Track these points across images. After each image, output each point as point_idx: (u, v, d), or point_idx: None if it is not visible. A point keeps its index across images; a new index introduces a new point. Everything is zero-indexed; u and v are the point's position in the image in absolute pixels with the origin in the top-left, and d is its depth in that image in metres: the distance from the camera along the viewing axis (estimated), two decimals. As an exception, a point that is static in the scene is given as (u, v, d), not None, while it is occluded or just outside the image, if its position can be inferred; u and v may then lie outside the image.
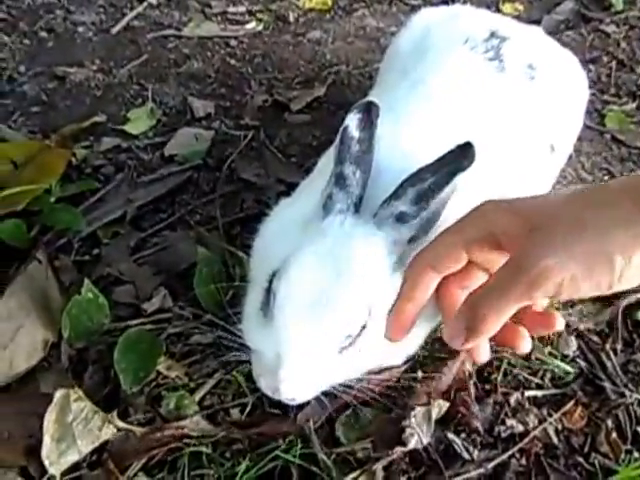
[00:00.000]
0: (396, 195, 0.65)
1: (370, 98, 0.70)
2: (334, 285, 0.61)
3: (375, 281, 0.63)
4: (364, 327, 0.63)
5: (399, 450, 0.66)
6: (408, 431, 0.66)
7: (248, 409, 0.73)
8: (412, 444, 0.66)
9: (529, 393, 0.75)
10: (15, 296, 0.72)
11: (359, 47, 1.48)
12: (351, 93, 1.31)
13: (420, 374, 0.76)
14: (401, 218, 0.65)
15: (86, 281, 0.73)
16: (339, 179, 0.66)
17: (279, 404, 0.73)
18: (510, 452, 0.69)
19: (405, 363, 0.76)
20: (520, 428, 0.70)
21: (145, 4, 1.57)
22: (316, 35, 1.51)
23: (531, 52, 0.89)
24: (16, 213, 0.86)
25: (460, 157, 0.64)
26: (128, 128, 1.14)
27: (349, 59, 1.42)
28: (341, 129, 0.67)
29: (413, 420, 0.67)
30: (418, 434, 0.66)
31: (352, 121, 0.68)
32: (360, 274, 0.62)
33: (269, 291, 0.64)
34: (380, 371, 0.74)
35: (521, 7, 1.56)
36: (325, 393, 0.67)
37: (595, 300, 0.86)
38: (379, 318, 0.63)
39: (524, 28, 0.96)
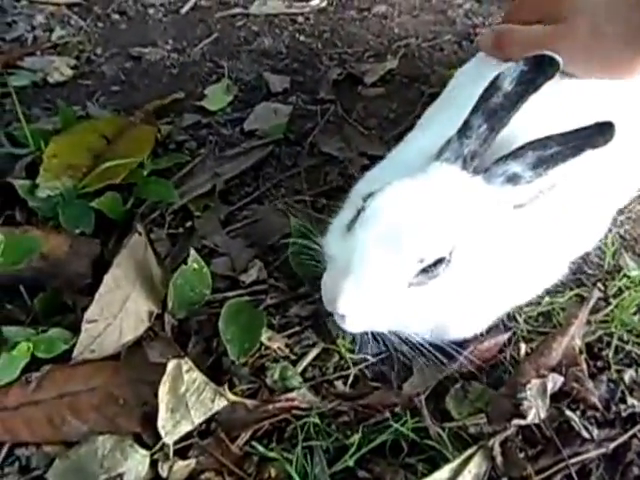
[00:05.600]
0: (514, 155, 0.60)
1: (551, 54, 0.62)
2: (421, 215, 0.58)
3: (464, 227, 0.59)
4: (439, 266, 0.58)
5: (516, 423, 0.61)
6: (526, 403, 0.61)
7: (350, 381, 0.69)
8: (530, 417, 0.61)
9: (644, 370, 0.69)
10: (121, 267, 0.70)
11: (426, 20, 1.40)
12: (424, 65, 1.24)
13: (524, 349, 0.71)
14: (512, 179, 0.60)
15: (192, 251, 0.70)
16: (463, 127, 0.61)
17: (381, 376, 0.70)
18: (632, 432, 0.63)
19: (509, 339, 0.71)
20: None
21: (211, -16, 1.53)
22: (381, 9, 1.44)
23: None
24: (112, 187, 0.84)
25: (597, 134, 0.59)
26: (206, 104, 1.11)
27: (418, 32, 1.35)
28: (494, 75, 0.63)
29: (529, 393, 0.62)
30: (536, 407, 0.61)
31: (512, 73, 0.62)
32: (451, 215, 0.59)
33: (360, 211, 0.61)
34: (483, 341, 0.70)
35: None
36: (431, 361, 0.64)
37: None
38: (456, 269, 0.59)
39: None
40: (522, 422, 0.61)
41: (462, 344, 0.69)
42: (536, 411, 0.61)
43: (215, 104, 1.11)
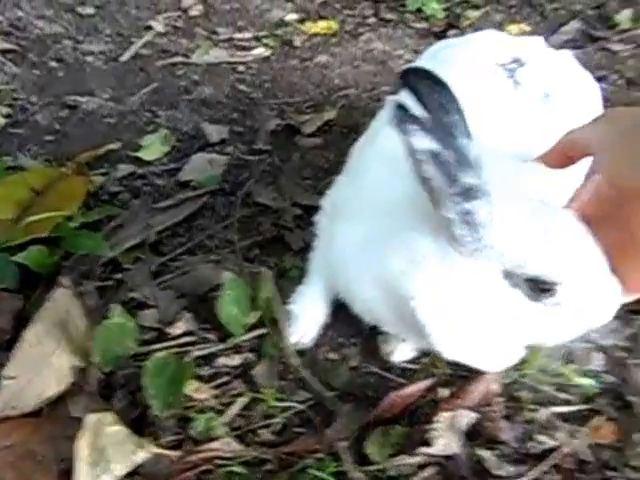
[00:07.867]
0: None
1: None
2: None
3: None
4: None
5: (424, 451, 0.68)
6: (433, 433, 0.68)
7: (278, 429, 0.75)
8: (438, 446, 0.68)
9: (557, 409, 0.77)
10: (43, 322, 0.75)
11: (366, 70, 1.53)
12: (361, 116, 1.36)
13: (444, 392, 0.78)
14: None
15: (115, 306, 0.76)
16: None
17: (308, 423, 0.76)
18: (542, 468, 0.70)
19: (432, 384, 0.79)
20: (551, 443, 0.72)
21: (152, 32, 1.63)
22: (323, 59, 1.56)
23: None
24: (39, 240, 0.89)
25: None
26: (142, 155, 1.18)
27: (357, 82, 1.47)
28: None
29: (437, 425, 0.69)
30: (447, 439, 0.68)
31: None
32: None
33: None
34: (404, 386, 0.78)
35: (527, 28, 1.62)
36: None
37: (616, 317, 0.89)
38: None
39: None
40: (429, 450, 0.68)
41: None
42: (446, 442, 0.68)
43: (151, 154, 1.19)
